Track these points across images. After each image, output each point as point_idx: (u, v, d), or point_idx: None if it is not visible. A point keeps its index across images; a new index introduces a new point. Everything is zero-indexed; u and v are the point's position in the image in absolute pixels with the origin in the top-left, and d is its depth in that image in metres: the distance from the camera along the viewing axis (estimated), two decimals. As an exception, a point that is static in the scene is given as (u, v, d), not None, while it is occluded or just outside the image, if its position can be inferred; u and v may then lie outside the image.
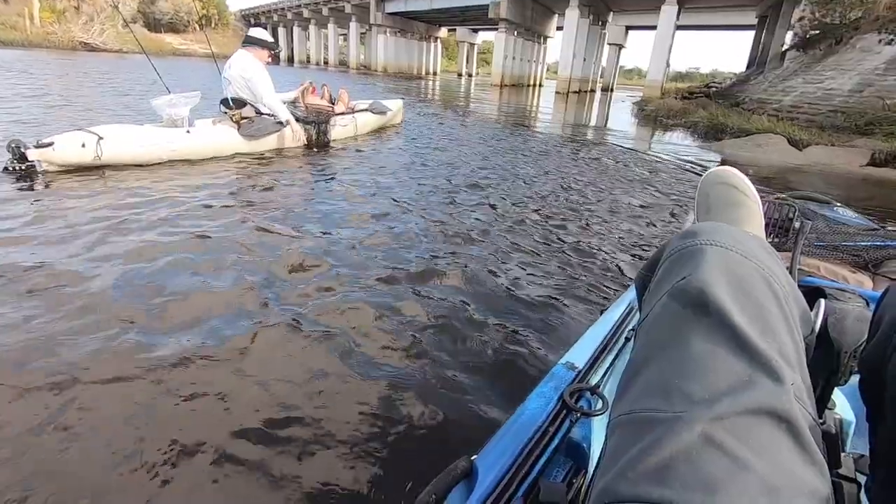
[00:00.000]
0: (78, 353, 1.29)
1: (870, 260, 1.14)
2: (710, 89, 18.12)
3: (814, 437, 0.29)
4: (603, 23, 25.11)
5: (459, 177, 3.79)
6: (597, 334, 0.81)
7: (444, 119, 7.90)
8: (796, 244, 0.85)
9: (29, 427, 1.05)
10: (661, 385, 0.32)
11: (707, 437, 0.27)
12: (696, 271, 0.35)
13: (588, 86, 25.32)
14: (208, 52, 5.55)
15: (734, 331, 0.32)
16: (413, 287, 1.85)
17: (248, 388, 1.23)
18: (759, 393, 0.29)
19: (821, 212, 1.39)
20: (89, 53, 23.93)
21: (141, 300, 1.58)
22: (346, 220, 2.57)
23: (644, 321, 0.39)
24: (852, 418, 0.60)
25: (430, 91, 16.76)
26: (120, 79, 9.93)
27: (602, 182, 4.15)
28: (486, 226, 2.65)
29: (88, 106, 5.69)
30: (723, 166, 0.78)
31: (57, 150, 2.85)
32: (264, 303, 1.63)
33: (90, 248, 1.94)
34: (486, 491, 0.48)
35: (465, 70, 42.90)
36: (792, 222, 0.95)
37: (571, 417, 0.60)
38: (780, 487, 0.25)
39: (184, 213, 2.44)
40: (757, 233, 0.68)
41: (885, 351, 0.36)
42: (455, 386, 1.30)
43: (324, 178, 3.43)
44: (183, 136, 3.44)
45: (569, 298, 1.88)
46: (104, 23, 27.95)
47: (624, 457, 0.29)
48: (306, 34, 41.57)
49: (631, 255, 2.42)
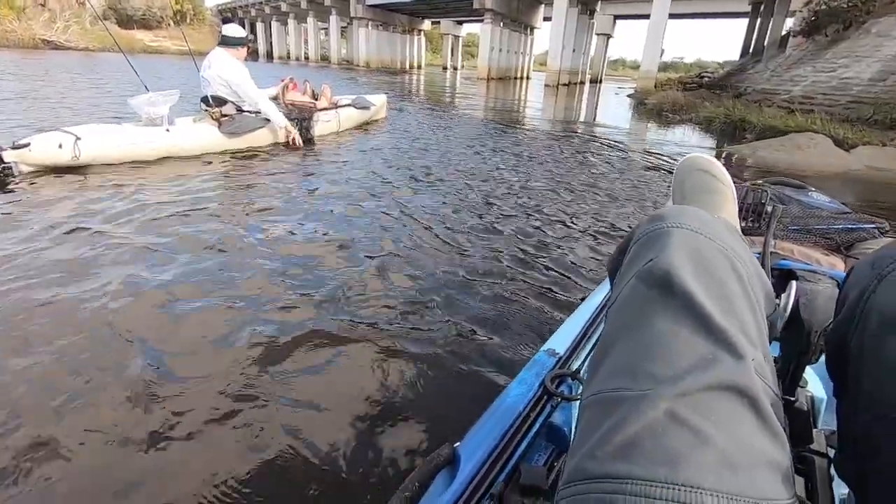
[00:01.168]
0: (39, 360, 1.26)
1: (841, 242, 1.19)
2: (702, 79, 17.55)
3: (776, 412, 0.30)
4: (591, 12, 24.31)
5: (445, 180, 3.53)
6: (577, 321, 0.83)
7: (429, 118, 7.10)
8: (769, 228, 0.85)
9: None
10: (627, 365, 0.32)
11: (671, 414, 0.28)
12: (662, 253, 0.36)
13: (578, 77, 24.53)
14: (182, 48, 5.51)
15: (698, 310, 0.32)
16: (392, 282, 1.84)
17: (220, 381, 1.23)
18: (721, 369, 0.30)
19: (796, 196, 1.42)
20: (53, 52, 22.57)
21: (116, 304, 1.55)
22: (327, 217, 2.51)
23: (613, 303, 0.39)
24: (824, 396, 0.62)
25: (414, 86, 15.77)
26: (91, 78, 9.36)
27: (606, 191, 3.44)
28: (477, 222, 2.60)
29: (63, 106, 5.49)
30: (698, 153, 0.82)
31: (34, 150, 2.79)
32: (235, 305, 1.60)
33: (62, 249, 1.91)
34: (468, 476, 0.49)
35: (450, 63, 41.83)
36: (765, 207, 0.96)
37: (552, 402, 0.61)
38: (740, 459, 0.26)
39: (161, 213, 2.39)
40: (730, 217, 0.73)
41: (848, 328, 0.37)
42: (438, 376, 1.30)
43: (305, 176, 3.35)
44: (162, 135, 3.37)
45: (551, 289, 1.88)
46: (68, 19, 26.46)
47: (593, 436, 0.30)
48: (285, 29, 40.19)
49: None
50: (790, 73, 10.43)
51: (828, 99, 8.21)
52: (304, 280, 1.80)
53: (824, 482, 0.45)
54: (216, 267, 1.87)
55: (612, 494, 0.26)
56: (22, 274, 1.69)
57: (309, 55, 38.04)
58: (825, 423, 0.61)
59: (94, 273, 1.75)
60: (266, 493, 0.94)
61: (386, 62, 33.93)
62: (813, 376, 0.64)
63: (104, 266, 1.81)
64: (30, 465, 0.97)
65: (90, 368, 1.25)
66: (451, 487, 0.48)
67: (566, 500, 0.29)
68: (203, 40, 36.58)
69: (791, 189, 1.47)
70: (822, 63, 9.64)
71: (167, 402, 1.16)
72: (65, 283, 1.66)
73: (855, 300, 0.37)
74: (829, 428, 0.50)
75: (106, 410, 1.13)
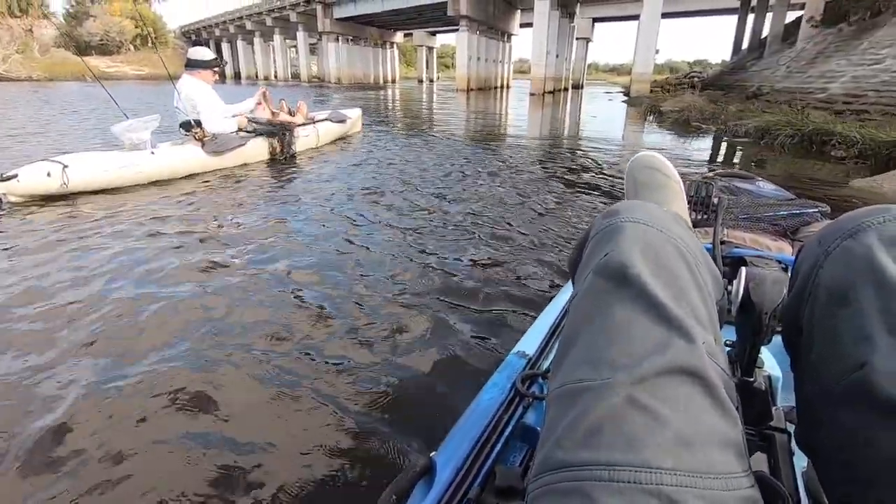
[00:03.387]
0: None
1: (788, 227, 1.24)
2: (693, 80, 16.42)
3: (728, 392, 0.31)
4: (571, 15, 23.14)
5: (438, 198, 3.31)
6: (545, 321, 0.83)
7: (406, 143, 5.57)
8: (717, 218, 0.88)
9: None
10: (588, 356, 0.33)
11: (630, 399, 0.29)
12: (617, 247, 0.37)
13: (562, 84, 23.28)
14: (140, 73, 7.34)
15: (652, 299, 0.33)
16: (366, 295, 1.82)
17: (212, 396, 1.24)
18: (674, 353, 0.31)
19: (744, 187, 1.43)
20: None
21: (111, 325, 1.57)
22: (315, 233, 2.52)
23: (574, 298, 0.40)
24: (779, 374, 0.65)
25: (388, 103, 14.23)
26: (62, 108, 9.12)
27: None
28: (458, 234, 2.50)
29: (47, 136, 5.49)
30: (646, 151, 0.85)
31: (22, 181, 2.81)
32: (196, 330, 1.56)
33: (55, 278, 1.91)
34: (445, 484, 0.49)
35: (425, 76, 40.55)
36: (712, 199, 0.98)
37: (524, 403, 0.61)
38: (695, 438, 0.27)
39: (152, 238, 2.39)
40: (680, 210, 0.79)
41: (800, 302, 0.39)
42: (413, 387, 1.29)
43: (291, 192, 3.37)
44: (148, 158, 3.40)
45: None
46: (7, 48, 24.40)
47: (559, 427, 0.31)
48: (252, 48, 38.52)
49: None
50: (817, 69, 9.15)
51: (884, 97, 6.86)
52: (294, 297, 1.79)
53: (785, 457, 0.47)
54: (200, 287, 1.85)
55: (579, 482, 0.27)
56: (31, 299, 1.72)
57: (278, 73, 36.48)
58: (784, 400, 0.64)
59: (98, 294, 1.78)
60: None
61: (359, 77, 32.43)
62: (769, 356, 0.68)
63: (103, 287, 1.83)
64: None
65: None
66: (429, 497, 0.47)
67: (536, 491, 0.30)
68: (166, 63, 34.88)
69: (739, 180, 1.51)
70: (859, 55, 8.36)
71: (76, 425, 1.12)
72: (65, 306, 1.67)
73: (805, 276, 0.39)
74: (788, 405, 0.53)
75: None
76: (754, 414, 0.50)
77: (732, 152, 5.66)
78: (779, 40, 13.43)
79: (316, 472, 1.01)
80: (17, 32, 28.68)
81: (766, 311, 0.48)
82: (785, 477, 0.45)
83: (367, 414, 1.18)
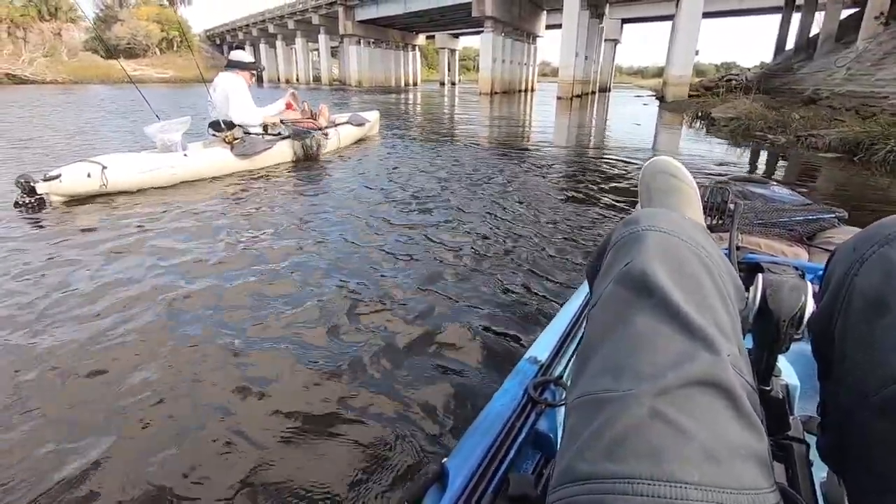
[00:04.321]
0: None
1: (804, 233, 1.22)
2: (730, 83, 15.44)
3: (752, 403, 0.31)
4: (600, 16, 22.23)
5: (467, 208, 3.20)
6: (558, 327, 0.82)
7: (428, 149, 4.99)
8: (732, 224, 0.86)
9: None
10: (610, 366, 0.33)
11: (654, 411, 0.28)
12: (638, 256, 0.37)
13: (590, 87, 22.38)
14: (163, 76, 8.37)
15: (674, 309, 0.33)
16: (388, 294, 1.84)
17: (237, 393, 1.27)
18: (699, 365, 0.30)
19: (759, 191, 1.41)
20: (17, 86, 20.77)
21: (163, 321, 1.65)
22: (346, 229, 2.61)
23: (593, 308, 0.39)
24: (797, 383, 0.64)
25: (409, 107, 13.63)
26: (99, 110, 9.37)
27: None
28: (480, 246, 2.38)
29: (86, 137, 5.74)
30: (660, 156, 0.83)
31: (64, 181, 2.93)
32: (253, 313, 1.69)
33: (109, 273, 2.00)
34: (458, 492, 0.48)
35: (447, 78, 39.97)
36: (727, 205, 0.97)
37: (537, 410, 0.60)
38: (721, 451, 0.27)
39: (194, 233, 2.51)
40: (695, 216, 0.77)
41: (832, 310, 0.38)
42: (426, 392, 1.29)
43: (319, 192, 3.46)
44: (181, 160, 3.51)
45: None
46: (33, 51, 24.65)
47: (580, 437, 0.30)
48: (274, 52, 38.54)
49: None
50: (888, 71, 8.19)
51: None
52: (321, 298, 1.82)
53: (803, 468, 0.46)
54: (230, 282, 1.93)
55: (601, 494, 0.26)
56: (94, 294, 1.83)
57: (299, 77, 36.37)
58: (801, 409, 0.63)
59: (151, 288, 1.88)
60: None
61: (380, 80, 32.00)
62: (786, 365, 0.66)
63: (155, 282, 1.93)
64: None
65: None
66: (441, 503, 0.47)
67: (557, 503, 0.29)
68: (189, 66, 35.34)
69: (753, 184, 1.50)
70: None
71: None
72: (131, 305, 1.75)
73: (838, 283, 0.37)
74: (806, 414, 0.52)
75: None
76: (771, 424, 0.49)
77: (830, 175, 4.55)
78: (832, 40, 12.38)
79: (328, 476, 1.01)
80: (47, 36, 29.10)
81: (783, 319, 0.47)
82: (803, 489, 0.44)
83: (378, 417, 1.18)
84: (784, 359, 0.63)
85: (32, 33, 28.50)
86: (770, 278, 0.50)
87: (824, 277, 0.42)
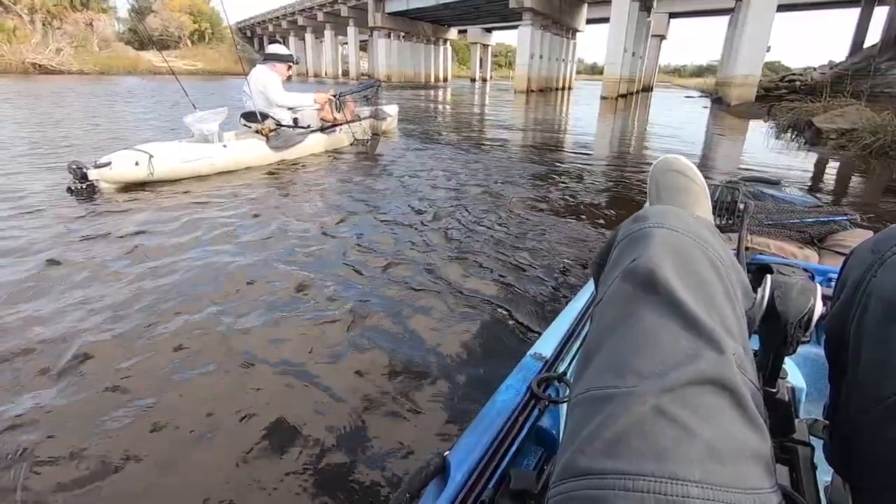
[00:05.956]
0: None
1: (815, 235, 1.21)
2: (794, 83, 13.66)
3: (756, 404, 0.31)
4: (648, 9, 20.47)
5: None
6: (562, 324, 0.82)
7: (456, 149, 4.01)
8: (742, 224, 0.86)
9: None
10: (614, 362, 0.32)
11: (657, 409, 0.28)
12: (645, 253, 0.36)
13: (635, 86, 20.70)
14: (191, 68, 9.74)
15: (681, 307, 0.32)
16: (397, 287, 1.83)
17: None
18: (704, 364, 0.30)
19: (770, 192, 1.39)
20: (44, 76, 20.50)
21: (218, 286, 1.79)
22: (390, 216, 2.68)
23: (599, 303, 0.39)
24: (803, 386, 0.62)
25: (439, 108, 12.41)
26: (143, 101, 9.60)
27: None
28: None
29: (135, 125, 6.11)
30: (670, 154, 0.80)
31: (114, 169, 2.99)
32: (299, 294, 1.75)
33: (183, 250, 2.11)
34: (459, 485, 0.48)
35: (478, 74, 38.60)
36: (737, 204, 0.96)
37: (540, 406, 0.60)
38: (724, 451, 0.27)
39: (249, 219, 2.59)
40: (704, 215, 0.73)
41: (847, 311, 0.37)
42: (429, 385, 1.27)
43: (350, 182, 3.56)
44: (221, 151, 3.59)
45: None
46: (60, 41, 24.42)
47: (581, 433, 0.30)
48: (304, 45, 37.88)
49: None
50: None
51: None
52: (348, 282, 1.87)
53: (808, 471, 0.46)
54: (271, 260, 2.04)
55: (601, 490, 0.26)
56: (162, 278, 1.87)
57: (328, 70, 35.65)
58: (807, 412, 0.61)
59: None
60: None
61: (409, 75, 30.90)
62: (792, 367, 0.65)
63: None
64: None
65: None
66: (442, 497, 0.47)
67: (556, 497, 0.29)
68: (219, 59, 35.09)
69: (765, 185, 1.48)
70: None
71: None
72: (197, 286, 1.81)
73: (854, 284, 0.37)
74: (811, 417, 0.51)
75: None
76: (776, 426, 0.49)
77: None
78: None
79: (329, 466, 1.01)
80: (81, 26, 29.08)
81: (791, 321, 0.46)
82: (807, 493, 0.44)
83: (380, 409, 1.17)
84: (790, 361, 0.63)
85: (67, 23, 28.49)
86: (779, 279, 0.49)
87: (840, 278, 0.41)
